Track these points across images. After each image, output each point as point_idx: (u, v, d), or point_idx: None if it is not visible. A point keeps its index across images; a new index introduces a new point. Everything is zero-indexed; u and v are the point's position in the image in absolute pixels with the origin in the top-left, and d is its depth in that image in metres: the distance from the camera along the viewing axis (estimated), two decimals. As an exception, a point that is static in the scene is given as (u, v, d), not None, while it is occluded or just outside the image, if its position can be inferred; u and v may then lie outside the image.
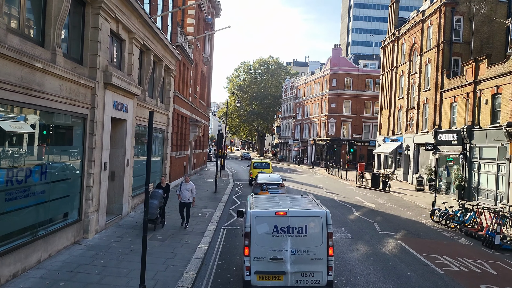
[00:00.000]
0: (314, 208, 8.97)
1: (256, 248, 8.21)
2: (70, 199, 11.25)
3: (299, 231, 8.29)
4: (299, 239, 8.24)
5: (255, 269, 8.20)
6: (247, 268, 8.23)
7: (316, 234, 8.28)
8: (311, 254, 8.20)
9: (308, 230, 8.31)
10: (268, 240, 8.25)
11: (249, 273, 8.21)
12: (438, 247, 13.74)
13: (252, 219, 8.35)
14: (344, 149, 58.63)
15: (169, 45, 20.38)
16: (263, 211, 8.57)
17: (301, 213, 8.51)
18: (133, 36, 14.98)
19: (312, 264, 8.18)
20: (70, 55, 10.97)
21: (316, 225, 8.33)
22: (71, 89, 10.49)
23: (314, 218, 8.39)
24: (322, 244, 8.22)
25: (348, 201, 23.54)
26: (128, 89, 14.11)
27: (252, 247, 8.22)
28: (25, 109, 8.87)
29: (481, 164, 24.95)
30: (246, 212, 8.73)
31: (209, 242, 12.74)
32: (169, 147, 22.68)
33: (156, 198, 13.39)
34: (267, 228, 8.31)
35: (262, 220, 8.35)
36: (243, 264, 8.40)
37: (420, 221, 18.63)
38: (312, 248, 8.21)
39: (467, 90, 26.56)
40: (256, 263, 8.21)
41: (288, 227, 8.27)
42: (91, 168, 11.81)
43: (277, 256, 8.14)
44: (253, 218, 8.36)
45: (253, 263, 8.21)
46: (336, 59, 61.05)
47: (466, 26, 30.60)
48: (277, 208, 8.67)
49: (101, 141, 12.42)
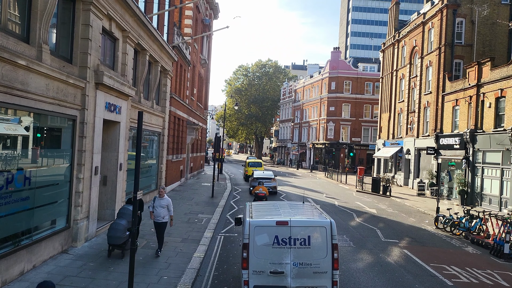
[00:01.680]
0: (317, 217, 8.24)
1: (255, 261, 7.52)
2: (58, 205, 10.60)
3: (301, 242, 7.60)
4: (301, 251, 7.56)
5: (254, 284, 7.52)
6: (245, 283, 7.51)
7: (320, 245, 7.60)
8: (314, 268, 7.53)
9: (312, 241, 7.61)
10: (268, 252, 7.56)
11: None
12: (444, 256, 13.14)
13: (251, 229, 7.64)
14: (343, 153, 58.08)
15: (166, 45, 19.80)
16: (263, 220, 7.87)
17: (304, 222, 7.84)
18: (127, 35, 14.38)
19: (316, 278, 7.50)
20: (59, 52, 10.35)
21: (320, 235, 7.64)
22: (59, 89, 9.88)
23: (318, 228, 7.70)
24: (326, 257, 7.55)
25: (348, 207, 22.94)
26: (121, 89, 13.50)
27: (250, 260, 7.52)
28: (6, 109, 8.25)
29: (484, 169, 24.39)
30: (245, 221, 7.99)
31: (205, 250, 12.11)
32: (165, 151, 22.06)
33: (124, 217, 10.69)
34: (267, 239, 7.62)
35: (262, 230, 7.65)
36: (241, 277, 7.68)
37: (423, 227, 18.03)
38: (315, 261, 7.54)
39: (469, 93, 26.04)
40: (255, 277, 7.52)
41: (290, 238, 7.59)
42: (81, 172, 11.18)
43: (278, 270, 7.47)
44: (252, 228, 7.64)
45: (251, 277, 7.52)
46: (335, 62, 60.60)
47: (468, 28, 30.14)
48: (278, 217, 8.00)
49: (92, 144, 11.79)
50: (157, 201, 11.38)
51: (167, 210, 11.34)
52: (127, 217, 10.60)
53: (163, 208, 11.26)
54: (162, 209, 11.24)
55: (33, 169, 9.17)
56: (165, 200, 11.37)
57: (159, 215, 11.24)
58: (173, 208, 11.76)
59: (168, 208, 11.40)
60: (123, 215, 10.73)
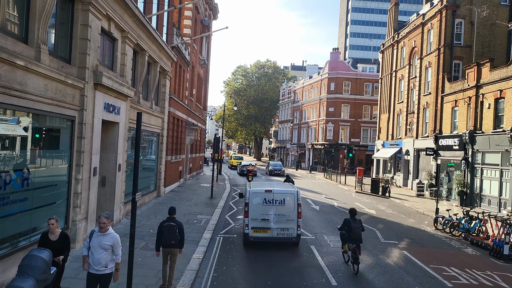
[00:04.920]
0: (290, 188, 13.51)
1: (251, 212, 12.65)
2: (56, 206, 10.56)
3: (279, 202, 12.80)
4: (279, 207, 12.76)
5: (251, 226, 12.61)
6: (246, 225, 12.66)
7: (290, 204, 12.77)
8: (287, 217, 12.68)
9: (286, 201, 12.82)
10: (259, 207, 12.70)
11: (247, 228, 12.64)
12: (444, 257, 13.11)
13: (250, 194, 12.85)
14: (342, 153, 58.00)
15: (165, 46, 19.77)
16: (257, 189, 13.11)
17: (281, 191, 13.05)
18: (126, 36, 14.35)
19: (287, 223, 12.66)
20: (57, 53, 10.32)
21: (291, 199, 12.83)
22: (58, 89, 9.84)
23: (289, 194, 12.94)
24: (294, 211, 12.73)
25: (348, 207, 22.84)
26: (120, 90, 13.47)
27: (249, 212, 12.67)
28: (5, 110, 8.21)
29: (483, 170, 24.38)
30: (246, 191, 13.24)
31: (204, 251, 12.08)
32: (164, 151, 22.02)
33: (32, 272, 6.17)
34: (259, 200, 12.78)
35: (256, 195, 12.85)
36: (243, 222, 13.04)
37: (423, 228, 18.01)
38: (287, 213, 12.71)
39: (469, 94, 26.04)
40: (251, 222, 12.64)
41: (273, 199, 12.80)
42: (79, 173, 11.14)
43: (265, 218, 12.66)
44: (250, 194, 12.86)
45: (250, 222, 12.63)
46: (335, 63, 60.61)
47: (467, 29, 30.15)
48: (266, 188, 13.14)
49: (91, 145, 11.76)
50: (96, 237, 7.04)
51: (110, 254, 7.06)
52: (36, 273, 6.18)
53: (105, 250, 6.97)
54: (103, 252, 6.95)
55: (31, 170, 9.13)
56: (108, 238, 7.03)
57: (99, 262, 6.94)
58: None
59: (114, 251, 7.08)
60: (30, 270, 6.18)
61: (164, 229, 8.77)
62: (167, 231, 8.74)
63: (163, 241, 8.77)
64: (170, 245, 8.78)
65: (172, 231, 8.74)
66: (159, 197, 21.43)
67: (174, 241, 8.76)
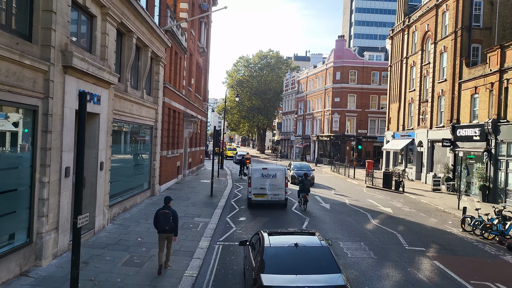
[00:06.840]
0: (280, 167, 19.71)
1: (253, 184, 18.33)
2: (15, 216, 8.60)
3: (272, 176, 18.47)
4: (273, 180, 18.40)
5: (253, 193, 18.25)
6: (249, 192, 18.39)
7: (280, 177, 18.50)
8: (278, 186, 18.39)
9: (277, 176, 18.51)
10: (259, 180, 18.36)
11: (251, 195, 18.25)
12: (483, 269, 11.09)
13: (252, 171, 18.66)
14: (349, 145, 55.93)
15: (157, 28, 17.69)
16: (257, 167, 19.15)
17: (274, 168, 19.05)
18: (106, 12, 12.26)
19: (278, 191, 18.37)
20: (10, 27, 8.28)
21: (280, 173, 18.62)
22: (10, 72, 7.83)
23: (279, 171, 18.78)
24: (282, 182, 18.46)
25: (361, 206, 20.87)
26: (100, 75, 11.44)
27: (252, 183, 18.34)
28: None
29: (509, 163, 22.22)
30: (249, 169, 19.25)
31: (199, 266, 10.10)
32: (158, 146, 20.02)
33: None
34: (259, 174, 18.44)
35: (256, 172, 18.53)
36: (247, 190, 18.87)
37: (448, 230, 15.98)
38: (278, 183, 18.43)
39: (491, 80, 23.81)
40: (253, 190, 18.29)
41: (268, 174, 18.48)
42: (45, 175, 9.15)
43: (263, 187, 18.30)
44: (252, 170, 18.68)
45: (252, 190, 18.28)
46: (340, 51, 58.19)
47: (487, 10, 27.78)
48: (263, 166, 19.14)
49: (60, 140, 9.76)
50: None
51: None
52: None
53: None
54: None
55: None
56: None
57: None
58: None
59: None
60: None
61: (159, 215, 9.51)
62: (162, 218, 9.46)
63: (159, 226, 9.48)
64: (165, 230, 9.45)
65: (167, 218, 9.46)
66: (153, 197, 19.45)
67: (168, 227, 9.44)
